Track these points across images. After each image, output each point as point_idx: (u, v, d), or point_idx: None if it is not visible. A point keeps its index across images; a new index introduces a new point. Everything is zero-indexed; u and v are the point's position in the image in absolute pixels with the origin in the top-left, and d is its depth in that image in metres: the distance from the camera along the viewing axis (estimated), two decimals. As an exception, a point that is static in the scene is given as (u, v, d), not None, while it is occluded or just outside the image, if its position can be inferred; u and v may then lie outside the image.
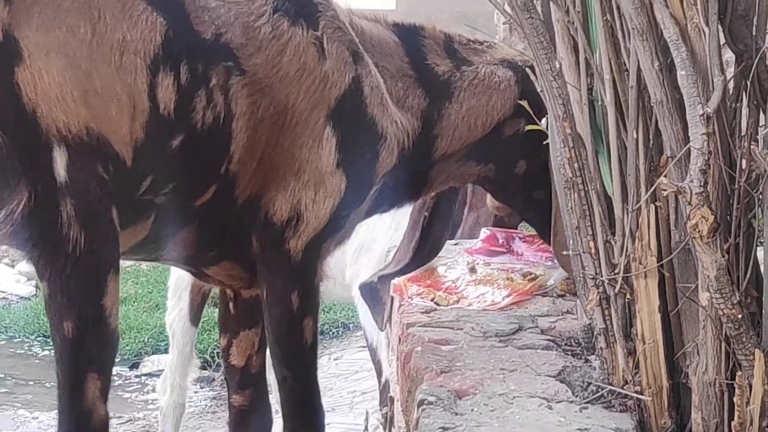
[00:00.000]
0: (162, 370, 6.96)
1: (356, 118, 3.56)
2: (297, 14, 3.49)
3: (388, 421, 4.33)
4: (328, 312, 7.43)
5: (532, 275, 3.95)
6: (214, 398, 6.86)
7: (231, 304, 3.79)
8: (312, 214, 3.51)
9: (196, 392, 6.77)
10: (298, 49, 3.48)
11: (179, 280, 5.21)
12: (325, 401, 5.22)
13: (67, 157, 3.06)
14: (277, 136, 3.45)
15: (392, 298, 4.11)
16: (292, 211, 3.49)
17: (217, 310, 7.41)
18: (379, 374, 5.29)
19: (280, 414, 3.70)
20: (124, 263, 3.73)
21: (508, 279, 3.91)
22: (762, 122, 3.06)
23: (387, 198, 3.84)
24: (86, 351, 3.13)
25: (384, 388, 5.18)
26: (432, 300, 3.77)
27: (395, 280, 3.93)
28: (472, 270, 3.98)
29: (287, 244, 3.51)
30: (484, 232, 4.30)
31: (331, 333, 7.40)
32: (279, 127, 3.45)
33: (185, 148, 3.32)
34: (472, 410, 3.11)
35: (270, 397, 3.99)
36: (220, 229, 3.52)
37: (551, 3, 3.26)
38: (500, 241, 4.24)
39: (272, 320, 3.62)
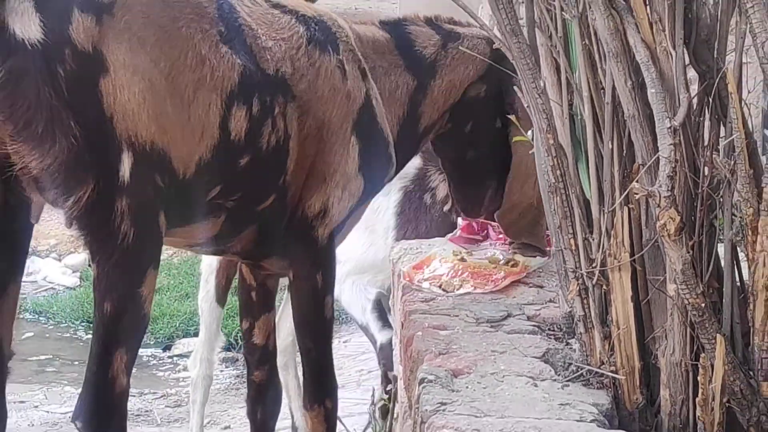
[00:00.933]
0: (191, 352, 7.00)
1: (371, 128, 3.66)
2: (324, 43, 3.59)
3: (393, 397, 4.35)
4: (337, 301, 7.41)
5: (513, 261, 3.94)
6: (237, 376, 6.85)
7: (254, 293, 3.84)
8: (337, 210, 3.61)
9: (222, 371, 6.79)
10: (327, 72, 3.58)
11: (209, 266, 5.23)
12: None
13: (132, 162, 3.10)
14: (317, 147, 3.55)
15: (395, 288, 4.13)
16: (323, 206, 3.59)
17: (234, 297, 7.47)
18: (374, 343, 5.33)
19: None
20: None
21: (494, 267, 3.91)
22: (722, 134, 3.07)
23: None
24: (120, 329, 3.15)
25: (380, 353, 5.23)
26: (440, 286, 3.78)
27: (404, 269, 3.94)
28: (462, 259, 3.98)
29: (315, 232, 3.61)
30: (461, 222, 4.31)
31: (340, 319, 7.38)
32: (319, 140, 3.55)
33: (252, 165, 3.42)
34: (467, 387, 3.12)
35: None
36: (275, 229, 3.61)
37: (536, 29, 3.27)
38: (476, 228, 4.23)
39: (300, 298, 3.70)
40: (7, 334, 3.34)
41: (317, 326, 3.70)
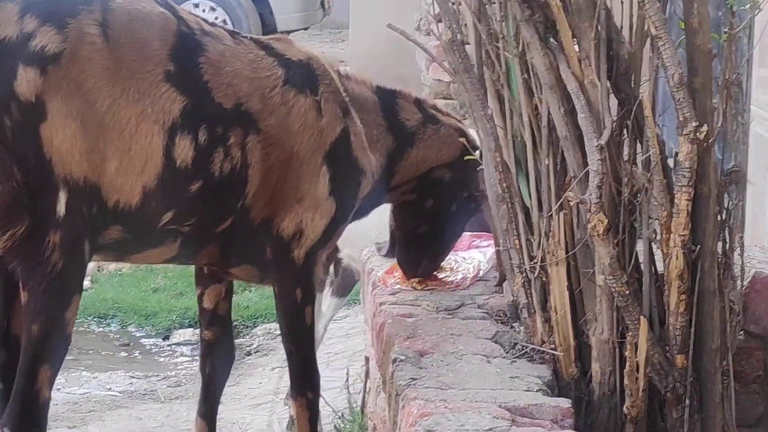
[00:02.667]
0: (187, 341, 6.91)
1: (344, 158, 3.49)
2: (303, 84, 3.43)
3: (365, 375, 4.30)
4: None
5: (473, 260, 3.87)
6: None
7: (205, 268, 3.67)
8: (310, 230, 3.44)
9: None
10: (301, 110, 3.41)
11: None
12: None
13: (67, 198, 2.98)
14: (285, 175, 3.39)
15: (365, 283, 4.07)
16: (296, 228, 3.43)
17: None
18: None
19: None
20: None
21: (457, 267, 3.85)
22: (639, 150, 3.06)
23: (356, 214, 3.76)
24: (45, 348, 3.02)
25: None
26: (412, 287, 3.70)
27: (378, 274, 3.85)
28: None
29: (293, 253, 3.45)
30: None
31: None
32: (287, 168, 3.39)
33: (204, 191, 3.24)
34: (432, 365, 3.09)
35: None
36: (240, 243, 3.45)
37: (483, 66, 3.24)
38: None
39: (281, 309, 3.58)
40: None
41: (298, 333, 3.56)
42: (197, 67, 3.24)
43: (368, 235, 4.39)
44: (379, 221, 4.21)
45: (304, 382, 3.58)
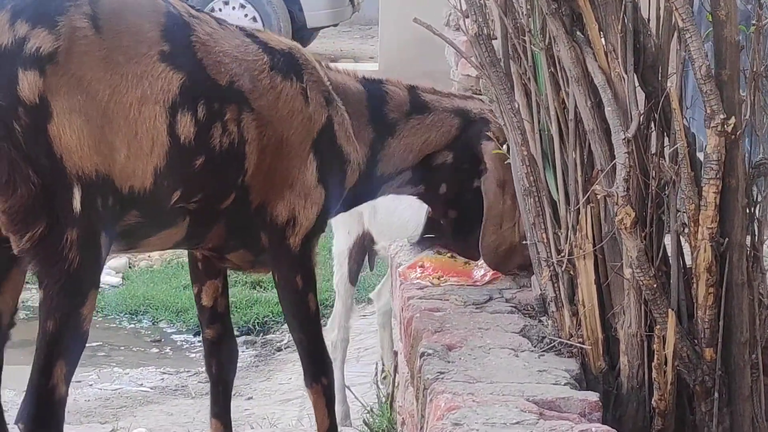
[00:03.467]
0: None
1: (330, 147, 3.51)
2: (288, 71, 3.44)
3: (394, 369, 4.31)
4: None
5: None
6: (256, 356, 6.80)
7: (199, 263, 3.67)
8: (303, 218, 3.45)
9: (243, 351, 6.72)
10: (288, 97, 3.42)
11: (341, 253, 5.18)
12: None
13: (81, 194, 3.00)
14: (277, 160, 3.41)
15: (393, 278, 4.08)
16: (289, 215, 3.44)
17: (253, 291, 7.42)
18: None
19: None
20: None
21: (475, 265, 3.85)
22: (666, 143, 3.06)
23: (352, 201, 3.78)
24: (61, 344, 3.03)
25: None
26: (430, 282, 3.71)
27: (400, 269, 3.86)
28: (452, 256, 3.92)
29: (288, 240, 3.45)
30: None
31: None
32: (278, 154, 3.41)
33: (207, 166, 3.26)
34: (460, 359, 3.09)
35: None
36: (240, 225, 3.45)
37: (510, 60, 3.25)
38: None
39: (285, 298, 3.58)
40: (11, 306, 3.26)
41: (304, 320, 3.56)
42: (190, 45, 3.27)
43: (405, 228, 4.41)
44: (415, 215, 4.23)
45: (318, 368, 3.59)
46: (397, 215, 3.90)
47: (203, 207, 3.32)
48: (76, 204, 3.00)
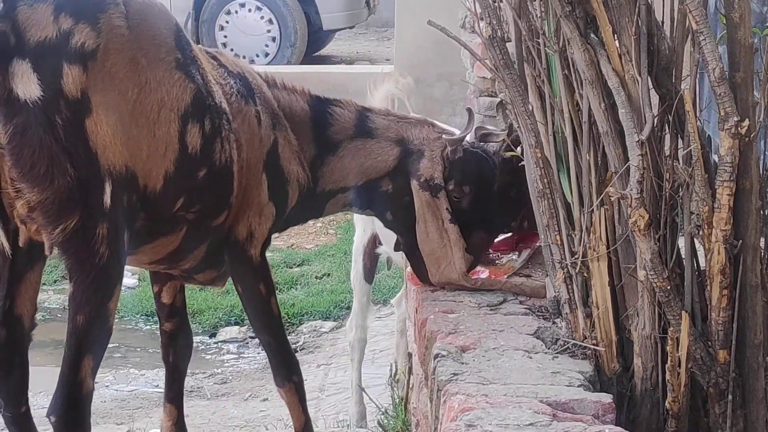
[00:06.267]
0: (233, 338, 6.97)
1: (275, 167, 3.61)
2: (247, 95, 3.55)
3: (408, 371, 4.32)
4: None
5: (511, 260, 3.88)
6: (272, 358, 6.82)
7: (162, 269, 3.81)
8: (258, 232, 3.59)
9: (258, 353, 6.74)
10: (249, 119, 3.53)
11: (356, 250, 5.20)
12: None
13: (111, 189, 3.06)
14: (245, 181, 3.52)
15: (408, 282, 4.09)
16: (248, 231, 3.57)
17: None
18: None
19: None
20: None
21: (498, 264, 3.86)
22: (680, 146, 3.06)
23: (298, 218, 3.88)
24: (89, 338, 3.09)
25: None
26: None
27: (407, 270, 3.89)
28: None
29: (249, 252, 3.59)
30: None
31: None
32: (246, 174, 3.52)
33: (208, 179, 3.36)
34: (474, 360, 3.11)
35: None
36: (215, 248, 3.58)
37: (524, 62, 3.26)
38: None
39: (251, 306, 3.70)
40: (30, 308, 3.33)
41: (270, 323, 3.69)
42: (193, 58, 3.38)
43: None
44: None
45: (287, 367, 3.72)
46: None
47: (199, 220, 3.41)
48: (107, 199, 3.06)
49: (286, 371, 3.71)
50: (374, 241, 5.07)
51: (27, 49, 2.96)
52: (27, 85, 2.95)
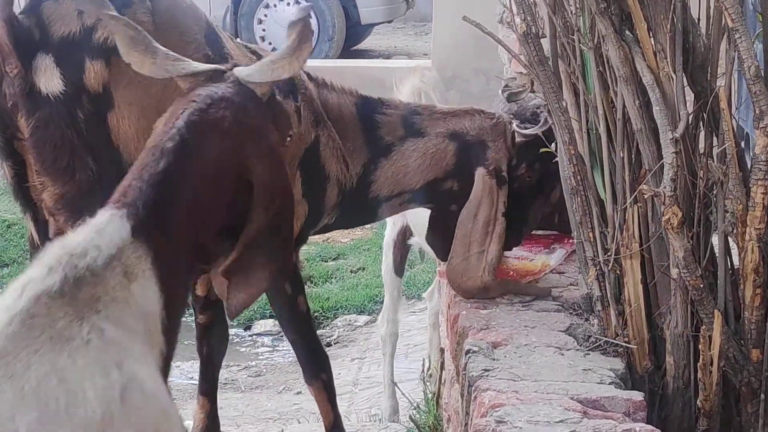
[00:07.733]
0: (268, 331, 6.99)
1: (314, 165, 3.58)
2: (287, 91, 3.49)
3: (440, 366, 4.33)
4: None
5: (543, 260, 3.87)
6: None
7: None
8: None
9: (289, 350, 6.77)
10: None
11: (386, 244, 5.21)
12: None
13: None
14: None
15: (441, 277, 4.10)
16: None
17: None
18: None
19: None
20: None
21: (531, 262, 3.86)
22: (715, 143, 3.05)
23: (348, 222, 3.90)
24: None
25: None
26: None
27: (439, 267, 3.88)
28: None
29: None
30: None
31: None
32: None
33: None
34: (505, 356, 3.11)
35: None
36: None
37: (558, 59, 3.25)
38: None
39: (277, 304, 3.71)
40: None
41: (297, 322, 3.68)
42: (224, 55, 3.34)
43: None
44: None
45: (316, 365, 3.70)
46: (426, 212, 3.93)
47: None
48: None
49: (314, 369, 3.70)
50: (404, 234, 5.07)
51: (50, 44, 2.99)
52: (50, 80, 2.98)
